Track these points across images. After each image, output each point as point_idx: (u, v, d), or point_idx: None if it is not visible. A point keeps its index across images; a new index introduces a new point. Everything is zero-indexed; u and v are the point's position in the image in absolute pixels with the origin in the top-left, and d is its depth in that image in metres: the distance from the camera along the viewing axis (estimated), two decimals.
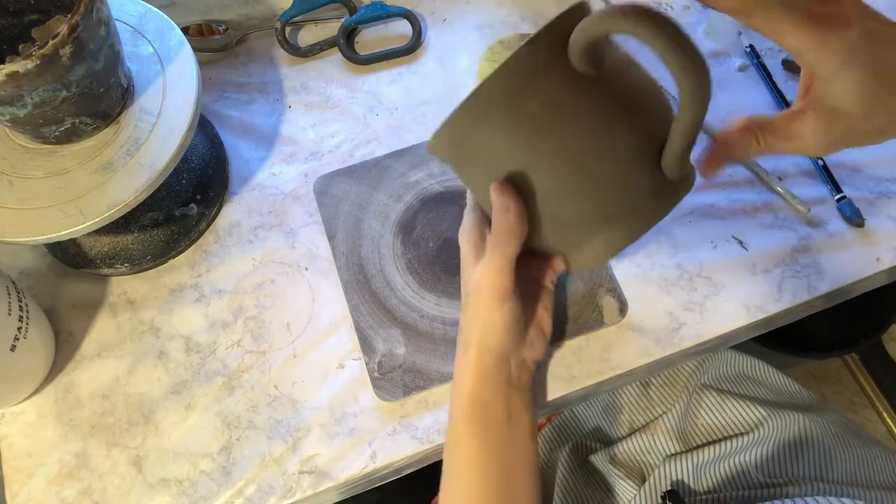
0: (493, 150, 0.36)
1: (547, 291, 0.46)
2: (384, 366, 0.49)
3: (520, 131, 0.35)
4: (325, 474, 0.47)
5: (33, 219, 0.45)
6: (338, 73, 0.63)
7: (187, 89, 0.49)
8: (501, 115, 0.35)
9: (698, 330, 0.51)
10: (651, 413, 0.64)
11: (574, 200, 0.36)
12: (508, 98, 0.35)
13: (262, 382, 0.50)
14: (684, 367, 0.64)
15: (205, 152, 0.57)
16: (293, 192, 0.57)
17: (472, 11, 0.66)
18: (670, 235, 0.55)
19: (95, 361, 0.51)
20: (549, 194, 0.36)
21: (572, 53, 0.34)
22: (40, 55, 0.38)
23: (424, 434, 0.48)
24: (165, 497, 0.47)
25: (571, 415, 0.68)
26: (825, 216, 0.55)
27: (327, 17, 0.65)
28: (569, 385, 0.50)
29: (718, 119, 0.59)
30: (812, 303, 0.53)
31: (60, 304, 0.53)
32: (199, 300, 0.53)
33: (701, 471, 0.57)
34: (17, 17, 0.47)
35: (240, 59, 0.64)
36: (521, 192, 0.37)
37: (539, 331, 0.45)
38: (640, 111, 0.36)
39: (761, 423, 0.58)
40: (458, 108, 0.35)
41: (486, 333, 0.41)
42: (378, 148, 0.59)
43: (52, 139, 0.46)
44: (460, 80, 0.62)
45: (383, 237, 0.54)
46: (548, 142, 0.35)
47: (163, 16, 0.52)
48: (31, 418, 0.49)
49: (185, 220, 0.54)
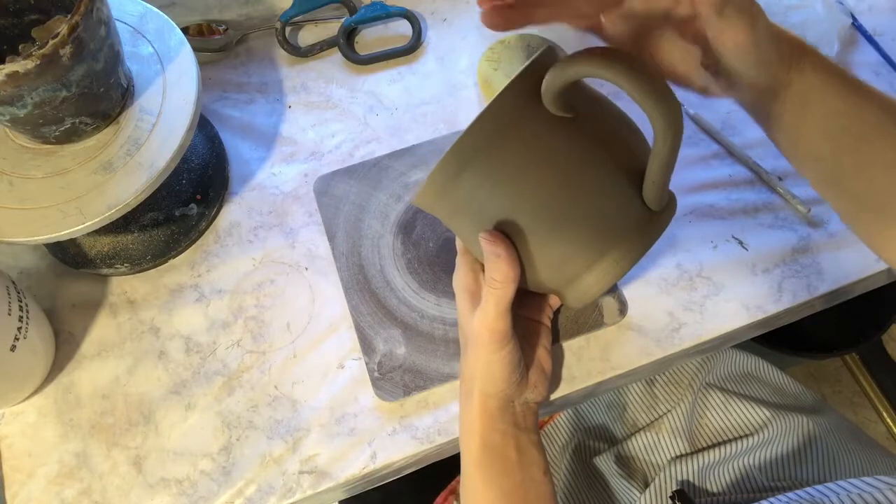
0: (477, 199, 0.37)
1: (545, 329, 0.46)
2: (384, 366, 0.49)
3: (502, 179, 0.36)
4: (325, 474, 0.47)
5: (33, 219, 0.45)
6: (338, 73, 0.63)
7: (187, 89, 0.49)
8: (482, 165, 0.36)
9: (698, 330, 0.51)
10: (656, 411, 0.64)
11: (562, 241, 0.37)
12: (487, 148, 0.35)
13: (262, 382, 0.50)
14: (688, 366, 0.64)
15: (205, 152, 0.57)
16: (293, 192, 0.57)
17: (472, 11, 0.66)
18: (670, 236, 0.55)
19: (95, 361, 0.51)
20: (537, 236, 0.37)
21: (546, 99, 0.35)
22: (40, 55, 0.38)
23: (424, 434, 0.48)
24: (165, 497, 0.47)
25: (575, 411, 0.68)
26: (825, 216, 0.55)
27: (327, 17, 0.65)
28: (569, 385, 0.50)
29: (719, 120, 0.59)
30: (812, 303, 0.53)
31: (60, 304, 0.53)
32: (199, 300, 0.53)
33: (706, 473, 0.57)
34: (17, 17, 0.47)
35: (240, 59, 0.64)
36: (510, 236, 0.37)
37: (540, 371, 0.44)
38: (617, 147, 0.37)
39: (766, 425, 0.58)
40: (439, 162, 0.36)
41: (488, 380, 0.41)
42: (378, 148, 0.59)
43: (52, 139, 0.46)
44: (460, 80, 0.62)
45: (383, 237, 0.54)
46: (530, 187, 0.36)
47: (163, 16, 0.52)
48: (31, 418, 0.49)
49: (185, 220, 0.54)
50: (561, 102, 0.35)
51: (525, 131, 0.35)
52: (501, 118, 0.35)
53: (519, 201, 0.36)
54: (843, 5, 0.65)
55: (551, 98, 0.34)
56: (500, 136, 0.35)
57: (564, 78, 0.33)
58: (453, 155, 0.36)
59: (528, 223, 0.36)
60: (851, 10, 0.66)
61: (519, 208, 0.36)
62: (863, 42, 0.64)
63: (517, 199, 0.36)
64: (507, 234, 0.37)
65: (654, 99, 0.31)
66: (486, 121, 0.35)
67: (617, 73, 0.30)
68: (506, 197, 0.36)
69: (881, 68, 0.63)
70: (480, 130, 0.35)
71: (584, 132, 0.36)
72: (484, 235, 0.37)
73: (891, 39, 0.64)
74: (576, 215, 0.36)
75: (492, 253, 0.37)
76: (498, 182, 0.36)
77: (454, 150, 0.35)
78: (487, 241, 0.37)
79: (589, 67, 0.31)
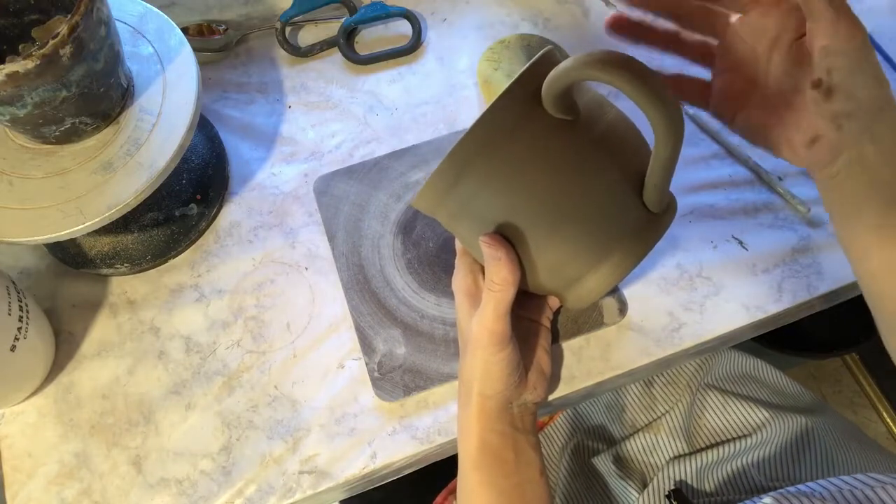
0: (477, 202, 0.37)
1: (544, 330, 0.46)
2: (384, 366, 0.49)
3: (502, 182, 0.36)
4: (325, 474, 0.47)
5: (33, 219, 0.45)
6: (338, 73, 0.63)
7: (187, 89, 0.49)
8: (482, 168, 0.36)
9: (698, 330, 0.51)
10: (654, 412, 0.64)
11: (562, 243, 0.36)
12: (487, 151, 0.35)
13: (262, 382, 0.50)
14: (687, 366, 0.64)
15: (205, 152, 0.57)
16: (293, 192, 0.57)
17: (472, 11, 0.66)
18: (670, 236, 0.54)
19: (95, 361, 0.51)
20: (537, 239, 0.37)
21: (546, 102, 0.35)
22: (40, 55, 0.38)
23: (424, 434, 0.48)
24: (165, 497, 0.47)
25: (574, 412, 0.68)
26: (825, 216, 0.55)
27: (327, 17, 0.65)
28: (569, 385, 0.50)
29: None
30: (812, 303, 0.53)
31: (60, 304, 0.53)
32: (199, 300, 0.53)
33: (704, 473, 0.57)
34: (17, 17, 0.47)
35: (240, 59, 0.64)
36: (510, 238, 0.37)
37: (540, 373, 0.44)
38: (618, 150, 0.37)
39: (764, 426, 0.58)
40: (439, 165, 0.36)
41: (486, 382, 0.41)
42: (378, 148, 0.59)
43: (52, 139, 0.46)
44: (460, 80, 0.62)
45: (383, 237, 0.54)
46: (529, 190, 0.36)
47: (163, 16, 0.52)
48: (31, 418, 0.49)
49: (185, 220, 0.54)
50: (561, 105, 0.35)
51: (525, 134, 0.35)
52: (501, 121, 0.35)
53: (519, 204, 0.36)
54: None
55: (551, 101, 0.34)
56: (500, 139, 0.35)
57: (564, 81, 0.33)
58: (453, 158, 0.36)
59: (529, 226, 0.36)
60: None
61: (519, 211, 0.36)
62: None
63: (517, 202, 0.36)
64: (508, 237, 0.37)
65: (655, 102, 0.31)
66: (486, 124, 0.35)
67: (617, 76, 0.30)
68: (506, 200, 0.36)
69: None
70: (480, 133, 0.35)
71: (585, 135, 0.36)
72: (484, 239, 0.37)
73: (890, 39, 0.64)
74: (576, 218, 0.36)
75: (492, 256, 0.37)
76: (498, 185, 0.36)
77: (454, 154, 0.35)
78: (487, 245, 0.37)
79: (589, 71, 0.31)
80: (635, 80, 0.30)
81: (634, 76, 0.30)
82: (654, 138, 0.33)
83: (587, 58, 0.31)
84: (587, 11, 0.66)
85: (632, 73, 0.30)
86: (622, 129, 0.38)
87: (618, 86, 0.31)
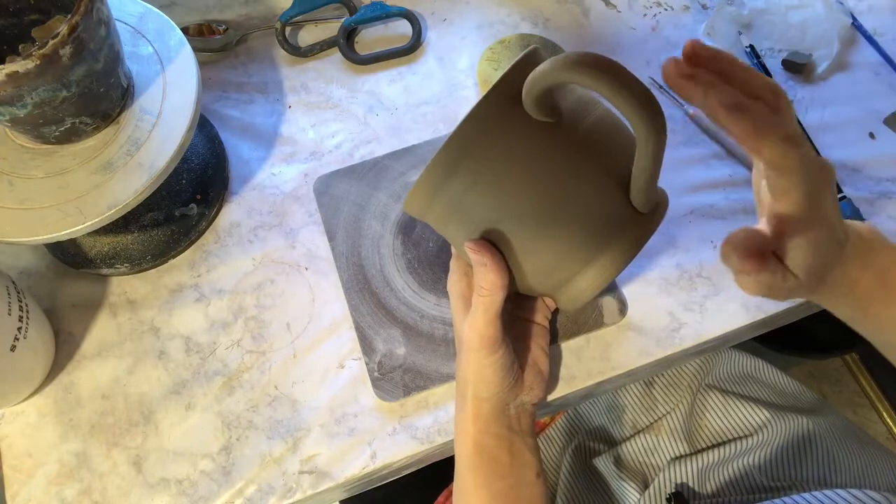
0: (464, 205, 0.37)
1: (542, 330, 0.46)
2: (384, 366, 0.49)
3: (487, 185, 0.36)
4: (325, 474, 0.47)
5: (33, 219, 0.45)
6: (338, 73, 0.63)
7: (187, 89, 0.49)
8: (467, 170, 0.35)
9: (698, 330, 0.51)
10: (655, 413, 0.64)
11: (549, 246, 0.36)
12: (471, 154, 0.35)
13: (262, 382, 0.50)
14: (687, 367, 0.64)
15: (205, 152, 0.57)
16: (293, 192, 0.57)
17: (472, 11, 0.66)
18: (670, 236, 0.55)
19: (95, 361, 0.51)
20: (524, 242, 0.36)
21: (527, 104, 0.34)
22: (40, 55, 0.38)
23: (424, 434, 0.48)
24: (165, 497, 0.47)
25: (575, 413, 0.68)
26: None
27: (327, 17, 0.65)
28: (569, 385, 0.50)
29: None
30: (812, 303, 0.53)
31: (60, 304, 0.53)
32: (199, 300, 0.53)
33: (705, 474, 0.57)
34: (17, 17, 0.47)
35: (240, 59, 0.64)
36: (498, 242, 0.37)
37: (536, 372, 0.44)
38: (603, 150, 0.36)
39: (765, 426, 0.58)
40: (425, 169, 0.36)
41: (480, 385, 0.41)
42: (378, 148, 0.59)
43: (52, 139, 0.46)
44: (460, 80, 0.62)
45: (383, 237, 0.54)
46: (513, 193, 0.35)
47: (163, 16, 0.52)
48: (31, 418, 0.49)
49: (185, 220, 0.54)
50: (542, 107, 0.34)
51: (508, 136, 0.35)
52: (484, 123, 0.35)
53: (504, 207, 0.36)
54: (843, 5, 0.65)
55: (531, 103, 0.34)
56: (483, 141, 0.35)
57: (542, 84, 0.32)
58: (438, 161, 0.35)
59: (515, 229, 0.36)
60: (851, 10, 0.66)
61: (505, 214, 0.36)
62: (863, 42, 0.64)
63: (502, 205, 0.36)
64: (496, 241, 0.37)
65: (634, 104, 0.30)
66: (469, 126, 0.35)
67: (595, 79, 0.30)
68: (491, 203, 0.36)
69: (881, 68, 0.63)
70: (464, 136, 0.35)
71: (569, 136, 0.35)
72: (469, 245, 0.37)
73: (891, 39, 0.64)
74: (561, 220, 0.35)
75: (478, 262, 0.37)
76: (483, 188, 0.36)
77: (439, 157, 0.35)
78: (472, 251, 0.37)
79: (565, 73, 0.31)
80: (613, 82, 0.30)
81: (612, 79, 0.30)
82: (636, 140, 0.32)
83: (563, 60, 0.31)
84: (587, 11, 0.66)
85: (610, 76, 0.30)
86: (608, 129, 0.37)
87: (596, 89, 0.30)
